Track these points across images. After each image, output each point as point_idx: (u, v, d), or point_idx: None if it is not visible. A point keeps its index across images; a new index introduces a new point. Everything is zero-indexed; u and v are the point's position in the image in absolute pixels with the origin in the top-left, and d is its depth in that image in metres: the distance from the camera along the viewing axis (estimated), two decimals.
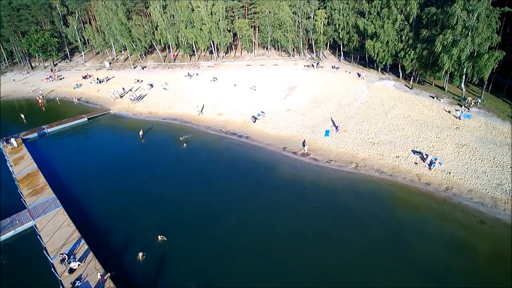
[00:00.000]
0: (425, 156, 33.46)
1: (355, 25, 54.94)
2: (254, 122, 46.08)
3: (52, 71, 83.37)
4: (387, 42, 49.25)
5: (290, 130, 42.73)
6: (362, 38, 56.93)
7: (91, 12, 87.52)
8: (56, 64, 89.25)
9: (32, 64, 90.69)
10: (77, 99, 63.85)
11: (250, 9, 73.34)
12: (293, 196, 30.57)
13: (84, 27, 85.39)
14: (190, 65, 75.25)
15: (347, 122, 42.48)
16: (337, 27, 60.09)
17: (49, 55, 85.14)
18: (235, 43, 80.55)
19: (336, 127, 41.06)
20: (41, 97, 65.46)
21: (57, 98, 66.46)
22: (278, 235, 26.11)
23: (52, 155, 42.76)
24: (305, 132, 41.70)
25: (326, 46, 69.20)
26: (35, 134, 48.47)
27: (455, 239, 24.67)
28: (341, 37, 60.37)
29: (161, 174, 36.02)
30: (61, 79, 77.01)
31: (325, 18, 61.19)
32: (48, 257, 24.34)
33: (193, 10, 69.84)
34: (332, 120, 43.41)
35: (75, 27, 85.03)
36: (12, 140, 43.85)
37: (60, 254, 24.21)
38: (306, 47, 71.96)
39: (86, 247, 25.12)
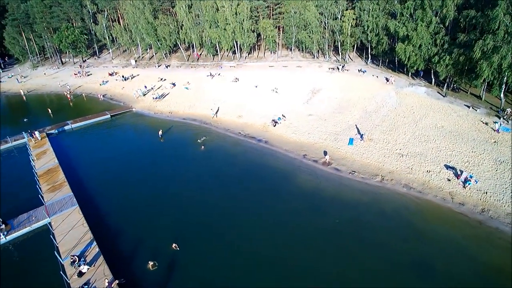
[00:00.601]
0: (459, 173, 30.66)
1: (385, 27, 51.98)
2: (274, 126, 44.61)
3: (80, 67, 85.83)
4: (420, 45, 46.16)
5: (312, 137, 40.91)
6: (392, 41, 53.94)
7: (119, 10, 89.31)
8: (85, 60, 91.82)
9: (63, 59, 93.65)
10: (102, 96, 64.98)
11: (275, 9, 71.72)
12: (312, 208, 28.91)
13: (113, 25, 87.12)
14: (213, 65, 74.76)
15: (373, 130, 40.08)
16: (366, 29, 57.31)
17: (78, 52, 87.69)
18: (259, 43, 79.22)
19: (361, 135, 38.76)
20: (68, 92, 67.35)
21: (83, 94, 68.04)
22: (297, 250, 24.63)
23: (73, 151, 43.38)
24: (328, 139, 39.75)
25: (353, 48, 66.41)
26: (59, 129, 49.45)
27: (491, 269, 22.16)
28: (369, 39, 57.57)
29: (177, 176, 35.45)
30: (88, 75, 78.95)
31: (353, 19, 58.64)
32: (59, 257, 24.11)
33: (217, 10, 69.28)
34: (356, 128, 41.16)
35: (104, 25, 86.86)
36: (37, 133, 44.92)
37: (71, 255, 23.96)
38: (332, 48, 69.49)
39: (97, 250, 24.73)
